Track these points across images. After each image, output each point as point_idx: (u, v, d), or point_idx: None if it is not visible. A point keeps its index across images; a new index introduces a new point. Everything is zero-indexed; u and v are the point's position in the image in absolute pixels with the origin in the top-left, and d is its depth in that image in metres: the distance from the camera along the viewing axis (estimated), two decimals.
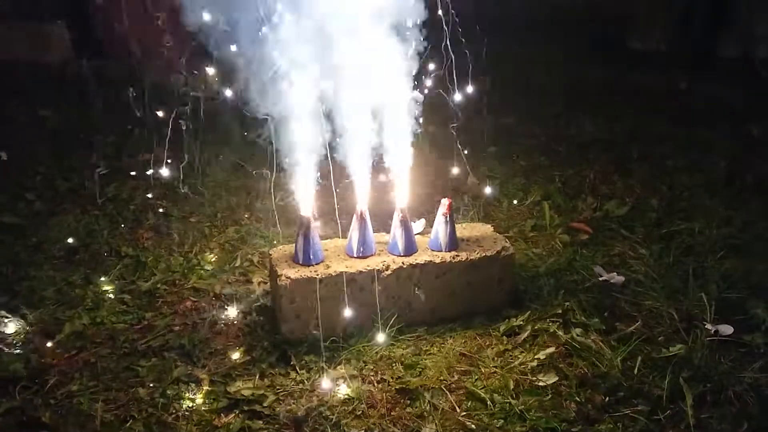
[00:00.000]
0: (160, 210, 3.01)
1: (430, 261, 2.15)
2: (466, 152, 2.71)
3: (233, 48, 1.95)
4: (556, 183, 3.38)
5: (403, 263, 2.13)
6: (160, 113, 2.88)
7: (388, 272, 2.10)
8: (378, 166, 2.11)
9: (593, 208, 3.06)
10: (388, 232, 2.21)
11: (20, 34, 5.17)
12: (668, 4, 6.15)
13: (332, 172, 2.03)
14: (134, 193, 3.22)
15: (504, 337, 2.12)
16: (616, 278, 2.46)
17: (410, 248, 2.16)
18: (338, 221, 2.19)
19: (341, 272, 2.06)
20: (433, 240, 2.21)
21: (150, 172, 3.13)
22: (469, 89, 2.31)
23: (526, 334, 2.11)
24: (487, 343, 2.10)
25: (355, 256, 2.14)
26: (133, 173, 3.37)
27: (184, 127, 2.65)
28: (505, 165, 3.66)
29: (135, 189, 3.27)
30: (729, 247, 2.65)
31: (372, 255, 2.15)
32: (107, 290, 2.37)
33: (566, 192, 3.28)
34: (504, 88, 5.05)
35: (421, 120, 2.09)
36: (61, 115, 4.34)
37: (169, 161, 2.85)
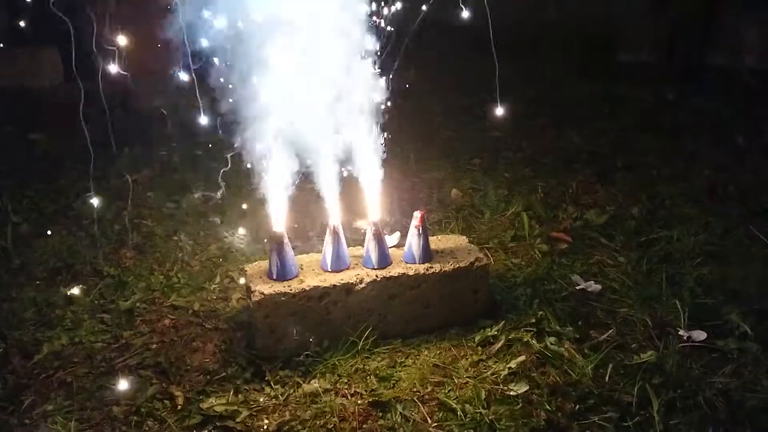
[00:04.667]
0: (144, 230, 3.04)
1: (404, 273, 2.17)
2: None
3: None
4: (538, 194, 3.40)
5: (377, 276, 2.14)
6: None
7: (362, 285, 2.12)
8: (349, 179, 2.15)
9: (573, 218, 3.08)
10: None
11: (12, 59, 5.24)
12: (656, 16, 6.20)
13: (304, 186, 2.07)
14: (119, 213, 3.24)
15: (479, 348, 2.13)
16: (593, 287, 2.47)
17: (384, 261, 2.18)
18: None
19: (315, 286, 2.08)
20: (407, 252, 2.23)
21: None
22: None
23: (500, 344, 2.12)
24: (462, 353, 2.11)
25: (329, 270, 2.16)
26: (119, 194, 3.41)
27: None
28: (488, 176, 3.69)
29: (121, 209, 3.30)
30: (706, 254, 2.66)
31: (346, 269, 2.17)
32: (86, 310, 2.39)
33: (548, 202, 3.30)
34: (492, 101, 5.10)
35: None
36: (51, 138, 4.38)
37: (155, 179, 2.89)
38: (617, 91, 5.36)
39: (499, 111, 2.32)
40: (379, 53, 2.12)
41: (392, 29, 2.16)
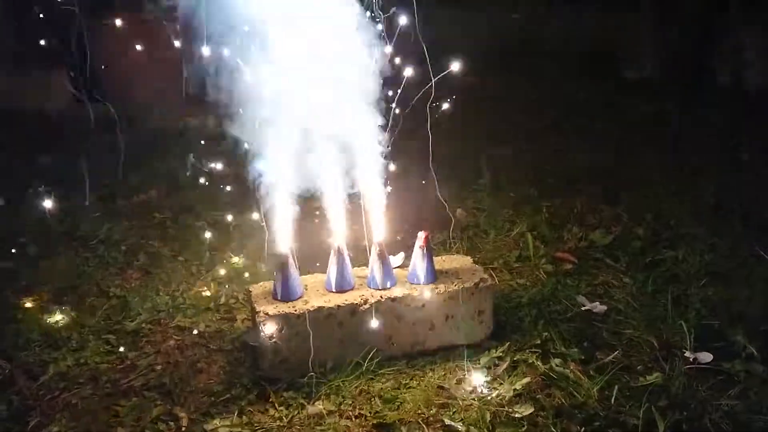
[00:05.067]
0: (150, 251, 3.05)
1: (408, 294, 2.17)
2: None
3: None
4: (543, 214, 3.40)
5: (381, 297, 2.15)
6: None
7: (366, 306, 2.12)
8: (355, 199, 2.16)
9: (578, 238, 3.08)
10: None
11: (22, 83, 5.31)
12: (660, 31, 6.24)
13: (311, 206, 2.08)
14: (126, 234, 3.26)
15: (484, 369, 2.12)
16: (599, 308, 2.46)
17: (388, 281, 2.19)
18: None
19: (319, 307, 2.09)
20: (411, 273, 2.23)
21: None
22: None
23: (505, 366, 2.12)
24: (467, 375, 2.10)
25: (333, 290, 2.16)
26: (126, 215, 3.44)
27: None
28: (493, 196, 3.69)
29: (128, 230, 3.32)
30: (712, 275, 2.65)
31: (351, 289, 2.18)
32: (92, 331, 2.40)
33: (553, 222, 3.30)
34: (497, 120, 5.13)
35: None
36: (60, 160, 4.42)
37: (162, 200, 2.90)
38: (620, 108, 5.37)
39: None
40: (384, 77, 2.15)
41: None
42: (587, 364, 2.12)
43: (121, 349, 2.29)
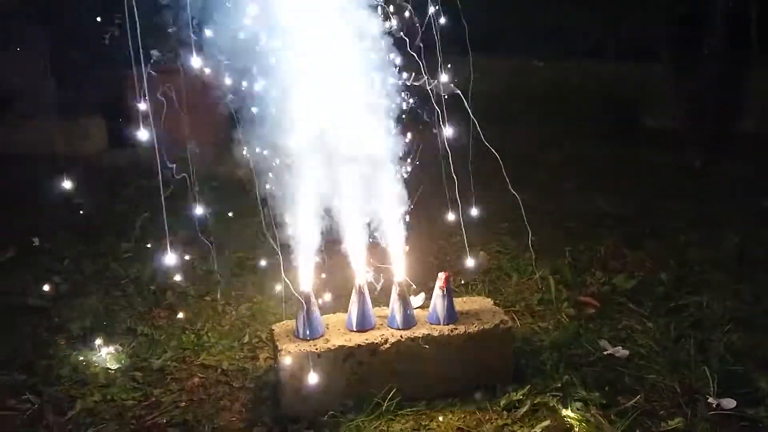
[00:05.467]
0: (177, 290, 3.13)
1: (428, 334, 2.19)
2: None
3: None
4: (566, 258, 3.41)
5: (401, 336, 2.17)
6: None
7: (387, 345, 2.15)
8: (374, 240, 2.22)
9: (601, 283, 3.07)
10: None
11: (60, 129, 5.54)
12: (681, 81, 6.27)
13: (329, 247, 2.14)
14: (155, 274, 3.35)
15: (504, 412, 2.13)
16: (621, 352, 2.45)
17: (408, 321, 2.22)
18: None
19: (340, 346, 2.12)
20: (431, 313, 2.26)
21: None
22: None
23: (525, 409, 2.12)
24: (487, 417, 2.10)
25: (354, 329, 2.20)
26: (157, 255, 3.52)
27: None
28: (516, 240, 3.71)
29: (157, 270, 3.40)
30: (736, 321, 2.62)
31: (371, 329, 2.21)
32: (119, 368, 2.46)
33: (576, 267, 3.30)
34: (520, 165, 5.17)
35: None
36: (94, 202, 4.57)
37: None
38: (643, 156, 5.38)
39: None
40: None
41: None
42: (608, 408, 2.11)
43: (147, 386, 2.34)
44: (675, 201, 4.31)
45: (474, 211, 2.48)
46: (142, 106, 2.08)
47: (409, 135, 2.25)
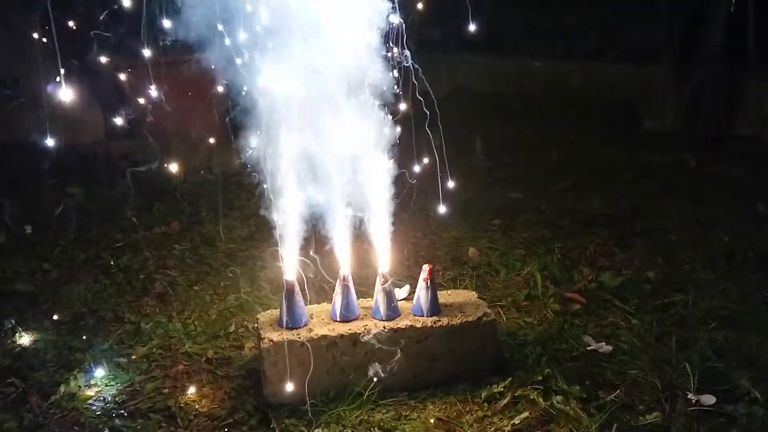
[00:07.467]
0: (167, 280, 3.14)
1: (411, 325, 2.20)
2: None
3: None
4: (555, 254, 3.41)
5: (384, 327, 2.18)
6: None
7: (369, 336, 2.16)
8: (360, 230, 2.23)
9: (589, 279, 3.08)
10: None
11: (59, 118, 5.54)
12: (680, 84, 6.28)
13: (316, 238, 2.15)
14: (145, 263, 3.35)
15: (484, 404, 2.14)
16: (605, 348, 2.46)
17: (392, 312, 2.22)
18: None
19: (323, 335, 2.13)
20: (415, 305, 2.27)
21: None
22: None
23: (506, 401, 2.13)
24: (467, 408, 2.11)
25: (338, 319, 2.21)
26: (147, 245, 3.54)
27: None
28: (507, 237, 3.72)
29: (147, 260, 3.41)
30: (722, 319, 2.63)
31: (355, 319, 2.22)
32: (105, 354, 2.47)
33: (564, 263, 3.30)
34: (515, 165, 5.18)
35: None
36: (89, 192, 4.58)
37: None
38: (640, 158, 5.39)
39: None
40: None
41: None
42: (588, 402, 2.12)
43: (130, 372, 2.35)
44: (668, 201, 4.31)
45: (465, 207, 2.47)
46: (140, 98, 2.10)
47: (398, 129, 2.26)
